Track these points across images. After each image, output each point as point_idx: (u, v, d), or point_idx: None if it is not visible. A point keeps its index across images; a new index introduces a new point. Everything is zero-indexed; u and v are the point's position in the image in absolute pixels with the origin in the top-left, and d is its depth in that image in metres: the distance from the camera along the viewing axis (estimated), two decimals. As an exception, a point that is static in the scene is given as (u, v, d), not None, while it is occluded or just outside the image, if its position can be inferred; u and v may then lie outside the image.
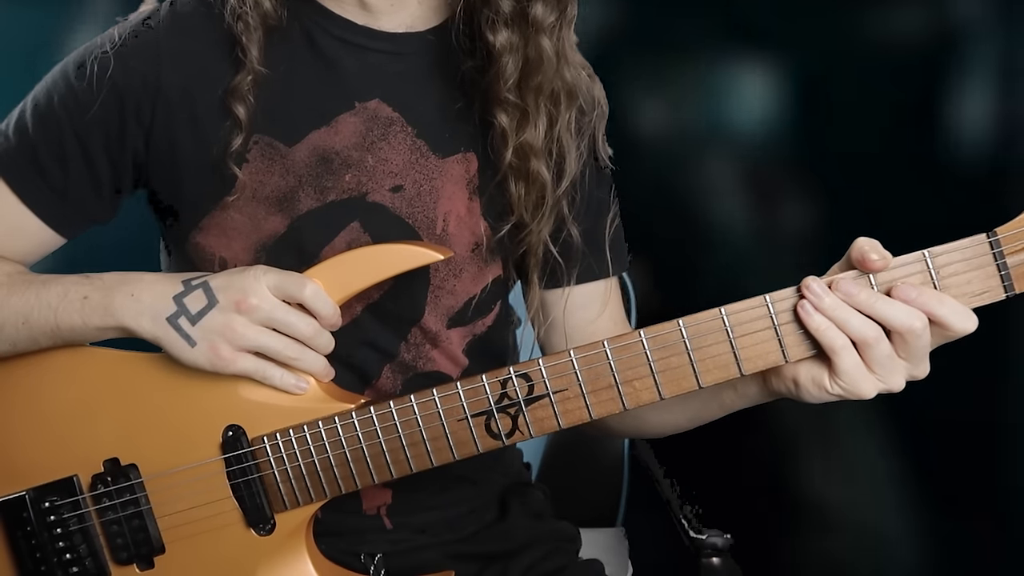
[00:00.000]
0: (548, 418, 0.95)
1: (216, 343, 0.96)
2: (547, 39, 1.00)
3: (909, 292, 0.87)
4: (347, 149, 1.04)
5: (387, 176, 1.04)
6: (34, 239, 1.06)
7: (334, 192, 1.04)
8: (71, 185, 1.04)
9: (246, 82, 1.00)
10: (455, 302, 1.08)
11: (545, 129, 1.02)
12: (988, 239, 0.88)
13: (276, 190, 1.03)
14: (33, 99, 1.05)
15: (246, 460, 0.99)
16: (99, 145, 1.02)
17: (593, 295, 1.13)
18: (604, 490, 1.42)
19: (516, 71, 1.00)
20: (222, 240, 1.04)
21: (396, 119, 1.05)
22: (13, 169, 1.04)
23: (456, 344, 1.09)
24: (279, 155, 1.03)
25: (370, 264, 0.99)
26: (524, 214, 1.05)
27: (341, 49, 1.04)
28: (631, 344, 0.92)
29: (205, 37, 1.03)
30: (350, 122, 1.04)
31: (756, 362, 0.91)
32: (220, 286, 0.97)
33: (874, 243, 0.89)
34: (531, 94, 1.01)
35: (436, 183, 1.05)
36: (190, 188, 1.04)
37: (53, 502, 1.01)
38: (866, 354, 0.89)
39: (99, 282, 1.00)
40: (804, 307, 0.89)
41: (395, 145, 1.05)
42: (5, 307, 1.01)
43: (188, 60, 1.02)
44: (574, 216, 1.07)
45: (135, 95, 1.02)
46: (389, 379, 1.08)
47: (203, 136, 1.02)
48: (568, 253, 1.08)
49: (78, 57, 1.04)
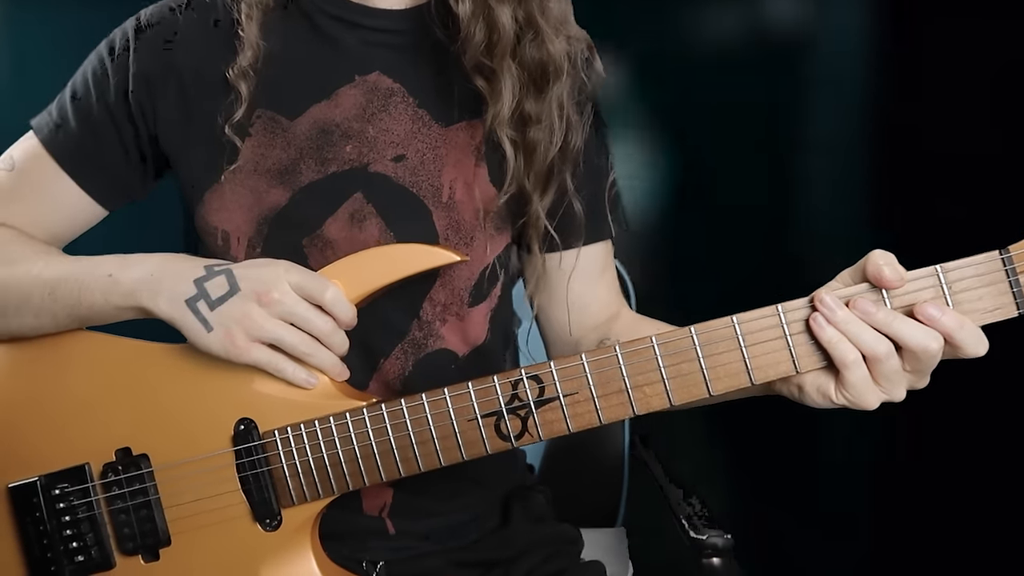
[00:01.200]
0: (558, 421, 0.94)
1: (232, 330, 0.95)
2: (506, 7, 1.00)
3: (932, 311, 0.86)
4: (347, 121, 1.05)
5: (388, 146, 1.05)
6: (75, 209, 1.10)
7: (335, 163, 1.05)
8: (105, 154, 1.08)
9: (246, 58, 1.03)
10: (470, 273, 1.07)
11: (521, 97, 1.02)
12: (1000, 256, 0.87)
13: (277, 163, 1.05)
14: (72, 80, 1.11)
15: (256, 453, 0.99)
16: (125, 119, 1.07)
17: (593, 258, 1.12)
18: (604, 490, 1.42)
19: (484, 39, 1.01)
20: (223, 213, 1.05)
21: (397, 90, 1.06)
22: (55, 143, 1.09)
23: (478, 321, 1.09)
24: (281, 129, 1.05)
25: (388, 263, 0.99)
26: (525, 183, 1.05)
27: (339, 27, 1.06)
28: (642, 349, 0.92)
29: (214, 20, 1.07)
30: (350, 94, 1.05)
31: (767, 371, 0.91)
32: (244, 276, 0.97)
33: (889, 258, 0.88)
34: (501, 60, 1.01)
35: (440, 151, 1.06)
36: (195, 161, 1.06)
37: (64, 489, 1.01)
38: (875, 368, 0.88)
39: (124, 261, 1.01)
40: (816, 320, 0.89)
41: (396, 116, 1.05)
42: (38, 278, 1.02)
43: (199, 42, 1.06)
44: (576, 187, 1.07)
45: (149, 69, 1.06)
46: (398, 360, 1.08)
47: (208, 111, 1.05)
48: (570, 224, 1.08)
49: (110, 39, 1.09)
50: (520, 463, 1.24)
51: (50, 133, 1.09)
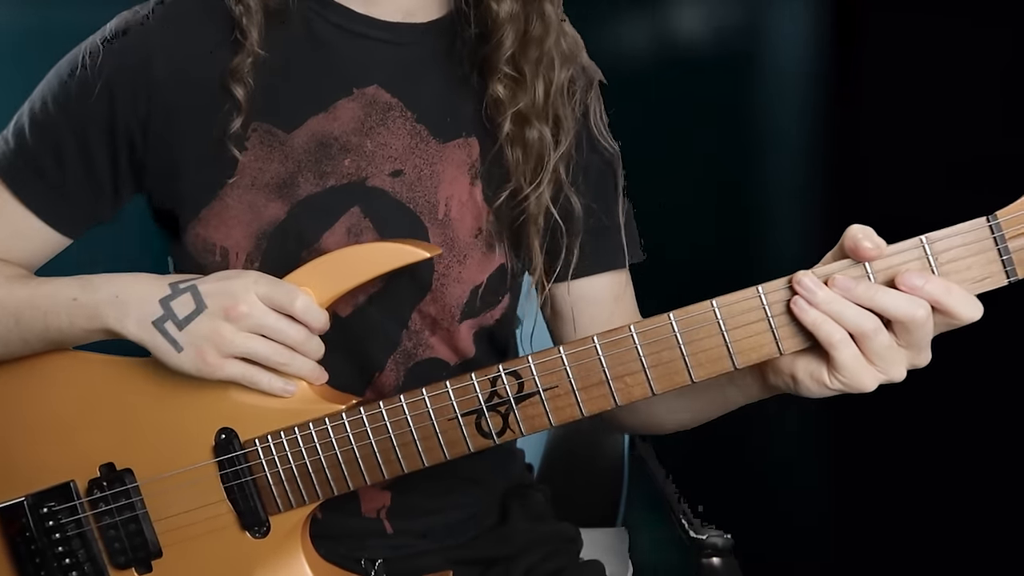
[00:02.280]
0: (539, 416, 0.92)
1: (203, 349, 0.93)
2: (549, 4, 1.01)
3: (914, 280, 0.84)
4: (346, 134, 1.02)
5: (386, 161, 1.03)
6: (37, 240, 1.05)
7: (333, 177, 1.02)
8: (69, 183, 1.03)
9: (245, 64, 0.99)
10: (462, 291, 1.05)
11: (543, 96, 1.01)
12: (988, 223, 0.84)
13: (275, 176, 1.02)
14: (30, 102, 1.04)
15: (238, 463, 0.97)
16: (95, 141, 1.01)
17: (607, 288, 1.09)
18: (604, 490, 1.40)
19: (516, 41, 1.00)
20: (222, 229, 1.02)
21: (395, 104, 1.03)
22: (11, 171, 1.03)
23: (465, 335, 1.07)
24: (278, 142, 1.02)
25: (358, 263, 0.97)
26: (522, 180, 1.02)
27: (339, 36, 1.03)
28: (621, 339, 0.90)
29: (201, 25, 1.02)
30: (348, 108, 1.02)
31: (750, 355, 0.88)
32: (209, 291, 0.94)
33: (867, 230, 0.85)
34: (529, 63, 1.01)
35: (437, 168, 1.03)
36: (190, 178, 1.02)
37: (51, 508, 1.00)
38: (865, 346, 0.85)
39: (88, 283, 0.98)
40: (798, 303, 0.86)
41: (394, 130, 1.03)
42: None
43: (183, 49, 1.01)
44: (571, 180, 1.05)
45: (127, 89, 1.00)
46: (392, 372, 1.05)
47: (202, 123, 1.00)
48: (570, 221, 1.05)
49: (71, 57, 1.03)
50: (519, 462, 1.22)
51: (6, 163, 1.03)
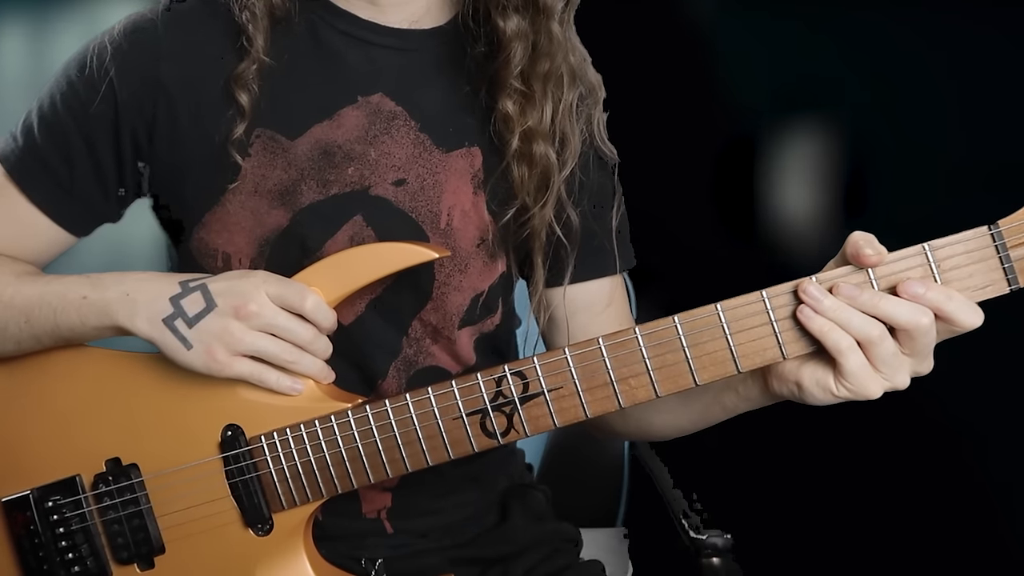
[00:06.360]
0: (543, 416, 0.90)
1: (212, 347, 0.91)
2: (556, 24, 0.98)
3: (916, 288, 0.82)
4: (349, 142, 1.00)
5: (390, 170, 1.00)
6: (44, 238, 1.03)
7: (336, 185, 1.00)
8: (76, 181, 1.01)
9: (250, 70, 0.97)
10: (462, 299, 1.03)
11: (551, 113, 0.99)
12: (990, 231, 0.83)
13: (278, 183, 0.99)
14: (39, 101, 1.02)
15: (244, 459, 0.95)
16: (102, 141, 1.00)
17: (597, 293, 1.07)
18: (604, 490, 1.39)
19: (524, 57, 0.98)
20: (224, 235, 1.00)
21: (399, 113, 1.01)
22: (20, 169, 1.01)
23: (465, 343, 1.05)
24: (281, 149, 0.99)
25: (367, 263, 0.95)
26: (527, 198, 1.00)
27: (345, 43, 1.01)
28: (626, 341, 0.88)
29: (208, 30, 1.00)
30: (352, 115, 1.00)
31: (754, 359, 0.86)
32: (219, 290, 0.92)
33: (869, 237, 0.84)
34: (538, 80, 0.99)
35: (440, 177, 1.01)
36: (193, 181, 1.00)
37: (56, 501, 0.97)
38: (871, 353, 0.84)
39: (98, 281, 0.96)
40: (803, 311, 0.84)
41: (398, 139, 1.00)
42: (10, 306, 0.98)
43: (190, 53, 0.99)
44: (573, 200, 1.03)
45: (134, 90, 0.98)
46: (394, 379, 1.03)
47: (206, 127, 0.99)
48: (570, 236, 1.03)
49: (79, 56, 1.01)
50: (519, 462, 1.19)
51: (15, 160, 1.01)
